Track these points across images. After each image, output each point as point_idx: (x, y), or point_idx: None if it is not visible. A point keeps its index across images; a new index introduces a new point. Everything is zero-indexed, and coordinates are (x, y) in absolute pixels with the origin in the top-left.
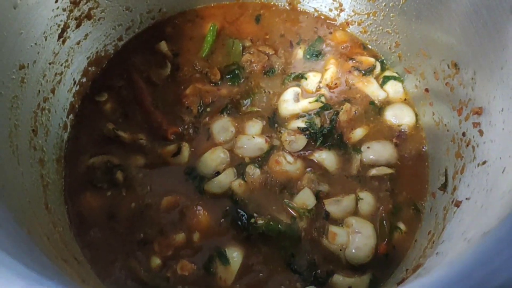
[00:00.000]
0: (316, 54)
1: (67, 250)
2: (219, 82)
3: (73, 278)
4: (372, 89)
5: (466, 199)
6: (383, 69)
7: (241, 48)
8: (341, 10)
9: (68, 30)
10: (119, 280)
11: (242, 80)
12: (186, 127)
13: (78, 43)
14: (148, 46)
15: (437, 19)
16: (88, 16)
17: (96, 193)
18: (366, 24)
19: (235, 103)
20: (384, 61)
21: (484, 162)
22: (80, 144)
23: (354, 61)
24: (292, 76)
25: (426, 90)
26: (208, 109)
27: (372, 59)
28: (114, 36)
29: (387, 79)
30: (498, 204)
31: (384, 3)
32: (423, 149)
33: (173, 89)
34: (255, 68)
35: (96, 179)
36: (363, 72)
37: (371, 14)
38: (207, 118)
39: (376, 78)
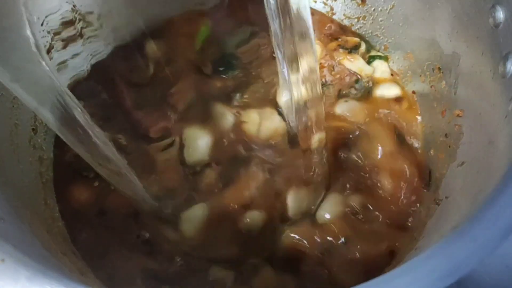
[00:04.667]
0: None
1: (65, 244)
2: (212, 75)
3: (72, 271)
4: (358, 65)
5: (446, 197)
6: (368, 50)
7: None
8: (332, 14)
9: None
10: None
11: (237, 71)
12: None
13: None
14: (132, 51)
15: (422, 25)
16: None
17: (84, 183)
18: (356, 27)
19: (228, 95)
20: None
21: (463, 163)
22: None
23: (339, 40)
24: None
25: (413, 92)
26: (196, 105)
27: (356, 39)
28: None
29: (372, 58)
30: (470, 202)
31: (373, 8)
32: None
33: (161, 87)
34: (251, 58)
35: (82, 168)
36: (349, 50)
37: (361, 18)
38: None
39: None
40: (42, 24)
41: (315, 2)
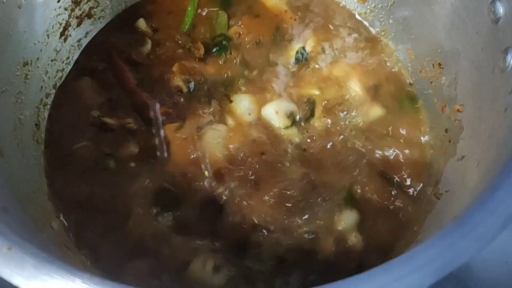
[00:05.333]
0: None
1: (68, 239)
2: (204, 57)
3: (75, 263)
4: None
5: (446, 191)
6: None
7: (226, 19)
8: None
9: (70, 28)
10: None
11: (230, 53)
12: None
13: (78, 41)
14: (127, 25)
15: (422, 21)
16: (89, 15)
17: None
18: None
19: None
20: None
21: (463, 157)
22: (64, 135)
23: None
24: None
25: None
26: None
27: None
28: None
29: None
30: (470, 194)
31: (374, 5)
32: None
33: (157, 67)
34: (245, 40)
35: (85, 170)
36: None
37: (362, 14)
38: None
39: None
40: (58, 1)
41: None
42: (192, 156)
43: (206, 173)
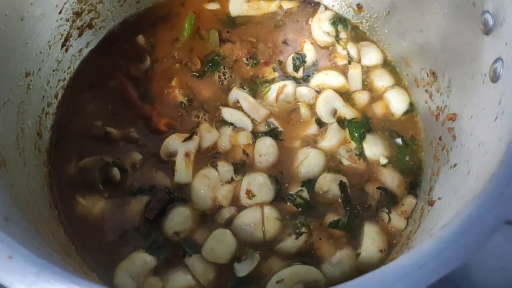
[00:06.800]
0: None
1: (70, 246)
2: (200, 73)
3: (76, 270)
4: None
5: (439, 198)
6: None
7: (217, 38)
8: None
9: (71, 39)
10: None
11: (223, 69)
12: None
13: (79, 51)
14: (126, 38)
15: (416, 30)
16: (90, 26)
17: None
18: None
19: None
20: None
21: (455, 165)
22: (67, 147)
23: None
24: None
25: None
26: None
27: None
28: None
29: None
30: (459, 202)
31: (369, 14)
32: None
33: (156, 82)
34: (238, 56)
35: (90, 181)
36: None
37: (358, 23)
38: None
39: None
40: (60, 12)
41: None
42: None
43: None
